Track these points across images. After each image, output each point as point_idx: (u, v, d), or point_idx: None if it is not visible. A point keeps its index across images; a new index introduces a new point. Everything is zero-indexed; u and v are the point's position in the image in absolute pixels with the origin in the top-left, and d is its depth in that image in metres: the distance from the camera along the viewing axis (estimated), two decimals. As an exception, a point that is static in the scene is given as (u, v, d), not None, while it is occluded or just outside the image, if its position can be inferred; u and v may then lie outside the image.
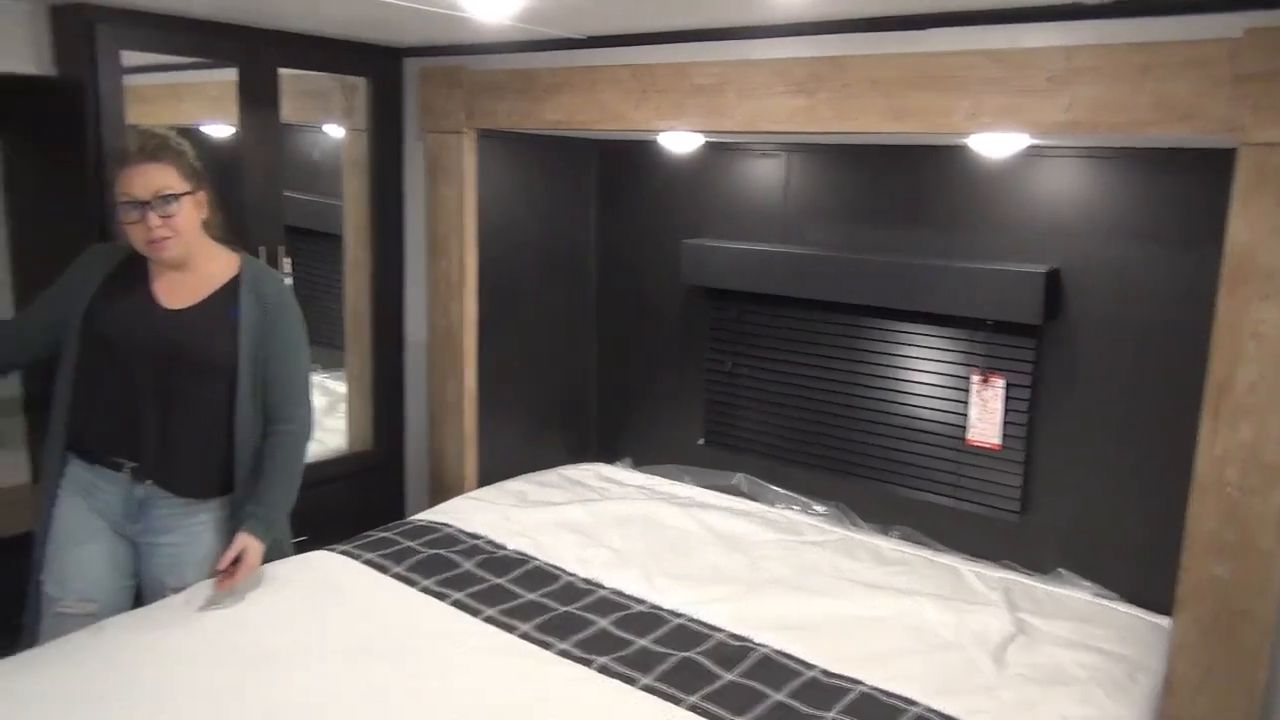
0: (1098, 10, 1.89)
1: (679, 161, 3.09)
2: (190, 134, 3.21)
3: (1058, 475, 2.53)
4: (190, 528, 2.16)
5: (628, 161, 3.24)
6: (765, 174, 2.95)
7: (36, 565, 2.13)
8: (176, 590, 2.14)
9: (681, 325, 3.20)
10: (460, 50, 2.90)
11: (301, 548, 2.48)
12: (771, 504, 2.96)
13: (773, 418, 3.03)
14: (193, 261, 2.10)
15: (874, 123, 2.20)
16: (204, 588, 2.13)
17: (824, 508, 2.91)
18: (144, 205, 1.97)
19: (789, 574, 2.44)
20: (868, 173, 2.77)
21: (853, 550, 2.59)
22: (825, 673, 1.97)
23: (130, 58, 2.45)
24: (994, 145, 2.37)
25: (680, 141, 2.89)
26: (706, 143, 2.95)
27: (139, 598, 2.19)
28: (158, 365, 2.05)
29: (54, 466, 2.13)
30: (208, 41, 2.61)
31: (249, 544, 2.10)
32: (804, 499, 2.96)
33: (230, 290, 2.12)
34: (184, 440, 2.11)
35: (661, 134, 2.74)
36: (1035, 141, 2.30)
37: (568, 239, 3.31)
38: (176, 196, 1.99)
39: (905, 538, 2.73)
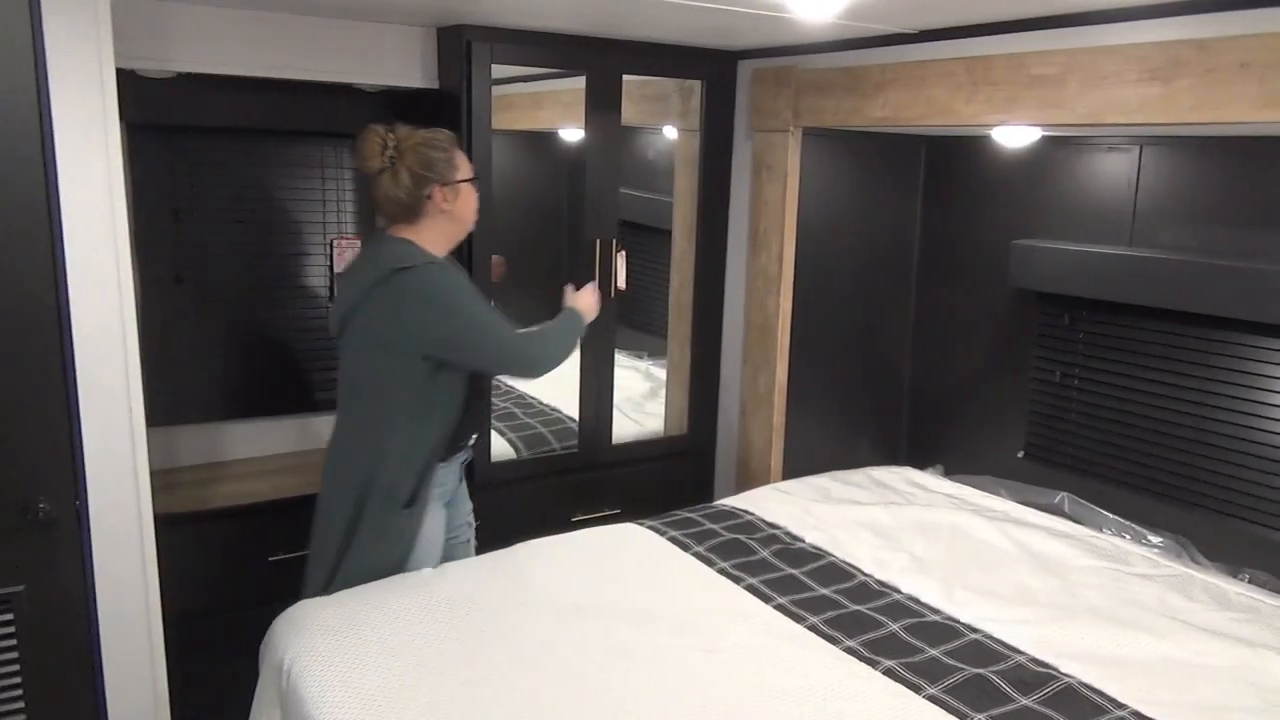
0: None
1: (1012, 157, 2.93)
2: (548, 136, 3.59)
3: None
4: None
5: (956, 158, 3.12)
6: (1111, 170, 2.71)
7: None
8: (472, 525, 2.59)
9: (1005, 330, 3.03)
10: (793, 51, 2.96)
11: (613, 519, 2.70)
12: (1098, 529, 2.72)
13: (1106, 435, 2.78)
14: None
15: (1243, 111, 1.95)
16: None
17: (1160, 539, 2.62)
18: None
19: (1108, 605, 2.24)
20: (1237, 168, 2.46)
21: (1189, 589, 2.32)
22: (1137, 714, 1.79)
23: (497, 70, 2.77)
24: (1405, 135, 2.01)
25: (1015, 136, 2.73)
26: (1044, 137, 2.77)
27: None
28: None
29: (427, 481, 2.31)
30: (563, 53, 2.87)
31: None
32: (1137, 527, 2.68)
33: None
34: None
35: (994, 129, 2.61)
36: None
37: (888, 237, 3.26)
38: None
39: (1259, 583, 2.40)
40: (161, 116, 2.65)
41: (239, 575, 2.64)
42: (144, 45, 2.36)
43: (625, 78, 3.00)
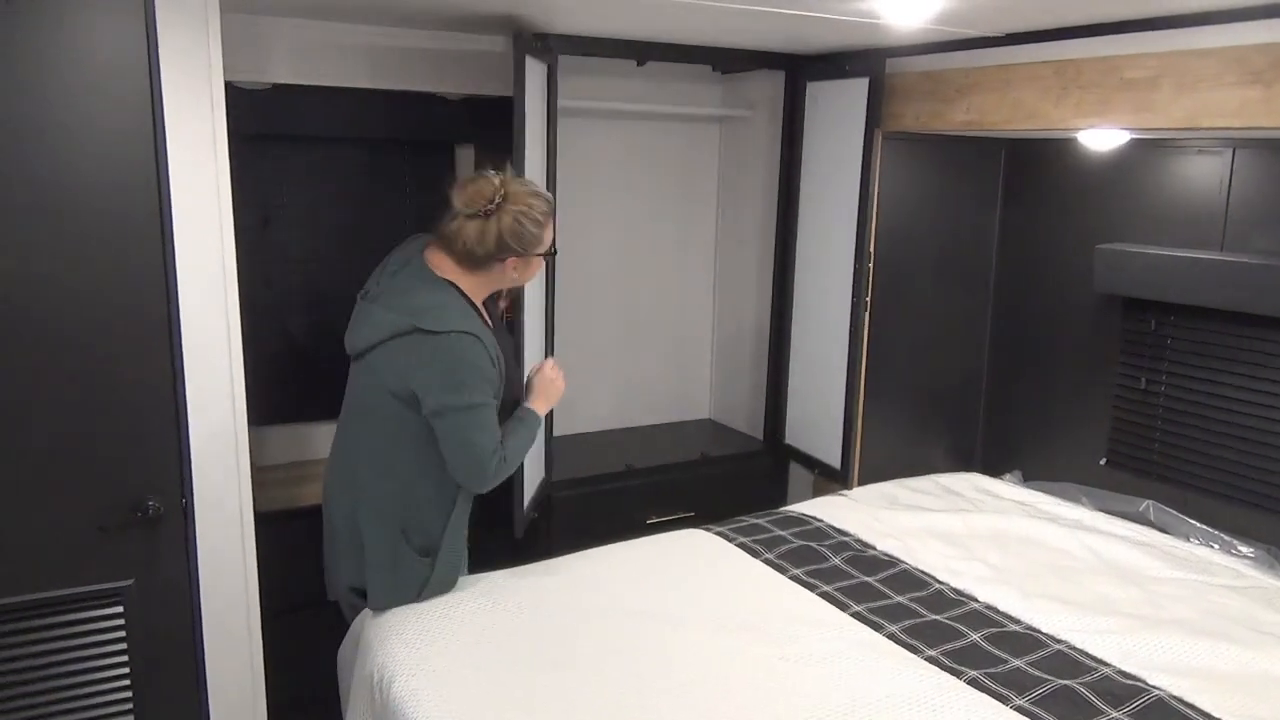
0: None
1: (1095, 160, 2.88)
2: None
3: None
4: None
5: (1038, 162, 3.08)
6: (1201, 173, 2.65)
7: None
8: None
9: (1088, 335, 2.99)
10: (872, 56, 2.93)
11: (688, 522, 2.71)
12: (1185, 538, 2.67)
13: (1193, 443, 2.73)
14: None
15: (1350, 115, 1.91)
16: None
17: (1250, 550, 2.57)
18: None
19: (1194, 616, 2.20)
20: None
21: (1275, 601, 2.27)
22: (1234, 731, 1.77)
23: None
24: None
25: (1101, 140, 2.68)
26: (1131, 140, 2.72)
27: None
28: None
29: (454, 535, 2.20)
30: (638, 56, 2.89)
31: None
32: (1226, 537, 2.63)
33: None
34: None
35: (1080, 133, 2.57)
36: None
37: (966, 241, 3.22)
38: None
39: (1354, 598, 2.33)
40: (255, 126, 2.73)
41: (322, 572, 2.71)
42: (245, 59, 2.44)
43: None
